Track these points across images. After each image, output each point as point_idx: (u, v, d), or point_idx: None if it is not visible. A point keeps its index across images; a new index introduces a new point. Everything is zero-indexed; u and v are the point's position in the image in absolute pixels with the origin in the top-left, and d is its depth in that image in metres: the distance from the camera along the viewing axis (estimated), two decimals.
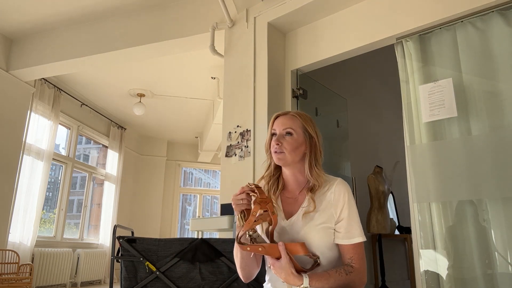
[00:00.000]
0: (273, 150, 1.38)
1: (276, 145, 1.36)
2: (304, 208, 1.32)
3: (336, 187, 1.33)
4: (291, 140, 1.36)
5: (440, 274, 2.20)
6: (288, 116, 1.42)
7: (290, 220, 1.33)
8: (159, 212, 7.92)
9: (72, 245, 5.83)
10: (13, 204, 4.61)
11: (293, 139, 1.37)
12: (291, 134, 1.37)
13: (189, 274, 1.81)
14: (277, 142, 1.36)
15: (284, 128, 1.38)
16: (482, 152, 2.14)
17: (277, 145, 1.36)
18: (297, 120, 1.40)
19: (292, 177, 1.40)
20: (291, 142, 1.36)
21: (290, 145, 1.36)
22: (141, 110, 5.98)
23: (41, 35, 4.49)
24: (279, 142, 1.36)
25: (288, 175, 1.41)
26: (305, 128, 1.40)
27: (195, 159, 8.56)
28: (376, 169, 4.24)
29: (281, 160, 1.37)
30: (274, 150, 1.37)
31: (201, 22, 3.63)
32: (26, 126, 4.83)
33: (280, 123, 1.40)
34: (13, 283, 4.08)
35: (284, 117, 1.42)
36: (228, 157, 3.13)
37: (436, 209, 2.27)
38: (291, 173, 1.40)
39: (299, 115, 1.42)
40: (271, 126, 1.43)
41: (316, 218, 1.30)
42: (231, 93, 3.28)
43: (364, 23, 2.86)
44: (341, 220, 1.29)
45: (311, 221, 1.30)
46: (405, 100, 2.52)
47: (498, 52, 2.20)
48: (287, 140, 1.36)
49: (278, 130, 1.40)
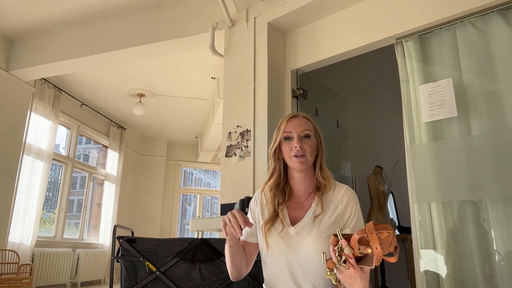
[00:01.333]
0: (293, 154, 1.30)
1: (299, 148, 1.29)
2: (312, 212, 1.30)
3: (344, 196, 1.31)
4: (310, 142, 1.32)
5: (440, 274, 2.20)
6: (302, 118, 1.36)
7: (296, 226, 1.29)
8: (159, 212, 7.92)
9: (72, 245, 5.83)
10: (13, 204, 4.61)
11: (312, 141, 1.33)
12: (309, 137, 1.33)
13: (189, 274, 1.81)
14: (300, 145, 1.29)
15: (303, 130, 1.32)
16: (482, 152, 2.14)
17: (300, 148, 1.29)
18: (310, 123, 1.36)
19: (301, 181, 1.35)
20: (311, 144, 1.32)
21: (311, 147, 1.31)
22: (141, 110, 5.98)
23: (41, 35, 4.49)
24: (301, 144, 1.30)
25: (297, 180, 1.36)
26: (316, 130, 1.37)
27: (195, 159, 8.56)
28: (376, 169, 4.24)
29: (303, 164, 1.30)
30: (294, 154, 1.30)
31: (201, 22, 3.63)
32: (26, 126, 4.83)
33: (298, 125, 1.33)
34: (13, 283, 4.08)
35: (299, 119, 1.36)
36: (228, 157, 3.13)
37: (436, 209, 2.27)
38: (302, 178, 1.35)
39: (309, 117, 1.38)
40: (284, 128, 1.34)
41: (322, 225, 1.27)
42: (231, 93, 3.28)
43: (364, 23, 2.86)
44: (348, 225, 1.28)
45: (318, 226, 1.26)
46: (405, 100, 2.52)
47: (498, 52, 2.20)
48: (307, 142, 1.31)
49: (295, 132, 1.32)
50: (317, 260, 1.24)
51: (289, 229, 1.29)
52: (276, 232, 1.30)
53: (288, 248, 1.28)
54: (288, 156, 1.32)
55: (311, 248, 1.25)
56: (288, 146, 1.32)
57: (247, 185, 2.93)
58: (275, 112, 3.04)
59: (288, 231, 1.29)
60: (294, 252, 1.28)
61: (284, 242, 1.28)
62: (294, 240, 1.28)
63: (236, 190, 2.99)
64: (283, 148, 1.34)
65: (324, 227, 1.26)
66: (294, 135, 1.32)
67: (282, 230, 1.30)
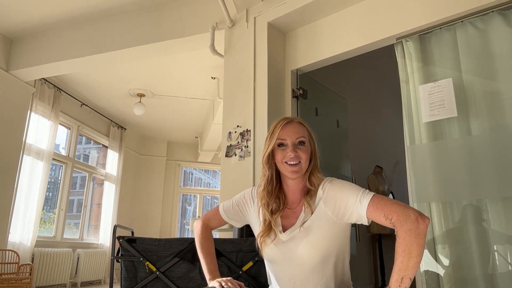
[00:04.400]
0: (287, 161, 1.27)
1: (294, 155, 1.26)
2: (302, 218, 1.27)
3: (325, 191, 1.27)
4: (305, 149, 1.29)
5: (440, 274, 2.20)
6: (297, 124, 1.33)
7: (288, 233, 1.27)
8: (159, 212, 7.92)
9: (72, 245, 5.83)
10: (13, 204, 4.60)
11: (306, 148, 1.29)
12: (304, 143, 1.30)
13: (189, 274, 1.81)
14: (294, 153, 1.26)
15: (298, 137, 1.29)
16: (482, 152, 2.14)
17: (294, 155, 1.26)
18: (304, 128, 1.33)
19: (295, 188, 1.32)
20: (306, 151, 1.29)
21: (306, 154, 1.28)
22: (141, 110, 5.98)
23: (41, 35, 4.49)
24: (296, 152, 1.27)
25: (291, 187, 1.33)
26: (310, 134, 1.34)
27: (195, 159, 8.56)
28: (376, 169, 4.24)
29: (297, 173, 1.28)
30: (288, 162, 1.27)
31: (201, 22, 3.63)
32: (26, 126, 4.83)
33: (292, 132, 1.29)
34: (13, 283, 4.08)
35: (293, 125, 1.32)
36: (228, 157, 3.13)
37: (436, 209, 2.27)
38: (295, 184, 1.32)
39: (303, 122, 1.35)
40: (277, 135, 1.30)
41: (314, 230, 1.23)
42: (231, 93, 3.28)
43: (364, 23, 2.86)
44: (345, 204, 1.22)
45: (309, 232, 1.24)
46: (405, 100, 2.52)
47: (498, 52, 2.20)
48: (301, 149, 1.28)
49: (290, 139, 1.28)
50: (313, 266, 1.23)
51: (280, 236, 1.27)
52: (270, 239, 1.29)
53: (281, 254, 1.27)
54: (281, 162, 1.29)
55: (305, 254, 1.23)
56: (282, 153, 1.29)
57: (247, 185, 2.92)
58: (275, 112, 3.04)
59: (280, 238, 1.27)
60: (290, 259, 1.26)
61: (278, 249, 1.27)
62: (288, 247, 1.26)
63: (236, 190, 2.98)
64: (276, 154, 1.31)
65: (316, 232, 1.23)
66: (288, 142, 1.29)
67: (275, 238, 1.28)
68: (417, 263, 1.03)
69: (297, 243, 1.24)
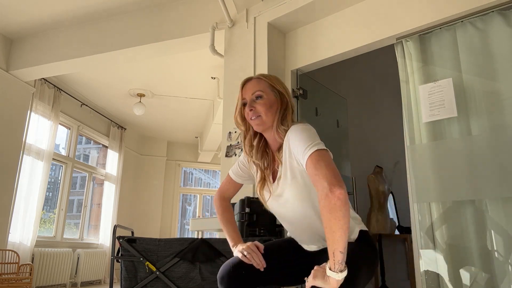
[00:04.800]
0: (249, 117, 1.35)
1: (250, 111, 1.34)
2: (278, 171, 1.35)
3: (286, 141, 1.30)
4: (262, 102, 1.34)
5: (440, 274, 2.20)
6: (255, 80, 1.40)
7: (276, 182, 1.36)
8: (159, 212, 7.92)
9: (72, 245, 5.83)
10: (13, 204, 4.61)
11: (264, 100, 1.34)
12: (261, 97, 1.35)
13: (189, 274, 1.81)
14: (250, 108, 1.34)
15: (253, 93, 1.36)
16: (482, 152, 2.14)
17: (250, 111, 1.34)
18: (263, 81, 1.39)
19: (271, 142, 1.39)
20: (263, 103, 1.34)
21: (263, 106, 1.33)
22: (141, 110, 5.98)
23: (41, 35, 4.49)
24: (252, 107, 1.34)
25: (269, 140, 1.40)
26: (273, 87, 1.38)
27: (195, 159, 8.56)
28: (376, 169, 4.24)
29: (260, 126, 1.35)
30: (250, 118, 1.35)
31: (201, 22, 3.63)
32: (26, 126, 4.83)
33: (249, 89, 1.38)
34: (13, 283, 4.08)
35: (251, 82, 1.39)
36: (228, 157, 3.13)
37: (436, 209, 2.27)
38: (269, 138, 1.38)
39: (264, 76, 1.41)
40: (240, 95, 1.39)
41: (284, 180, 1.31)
42: (231, 93, 3.28)
43: (364, 23, 2.86)
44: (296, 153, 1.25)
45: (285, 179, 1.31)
46: (405, 100, 2.52)
47: (498, 52, 2.20)
48: (258, 103, 1.34)
49: (247, 96, 1.37)
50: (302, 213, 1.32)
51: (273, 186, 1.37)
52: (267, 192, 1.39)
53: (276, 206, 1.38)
54: (249, 120, 1.37)
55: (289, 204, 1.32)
56: (246, 111, 1.37)
57: (246, 185, 2.92)
58: None
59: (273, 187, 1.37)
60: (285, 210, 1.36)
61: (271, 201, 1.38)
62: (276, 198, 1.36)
63: None
64: (245, 114, 1.39)
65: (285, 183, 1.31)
66: (247, 100, 1.37)
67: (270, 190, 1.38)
68: (341, 236, 1.03)
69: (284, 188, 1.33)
